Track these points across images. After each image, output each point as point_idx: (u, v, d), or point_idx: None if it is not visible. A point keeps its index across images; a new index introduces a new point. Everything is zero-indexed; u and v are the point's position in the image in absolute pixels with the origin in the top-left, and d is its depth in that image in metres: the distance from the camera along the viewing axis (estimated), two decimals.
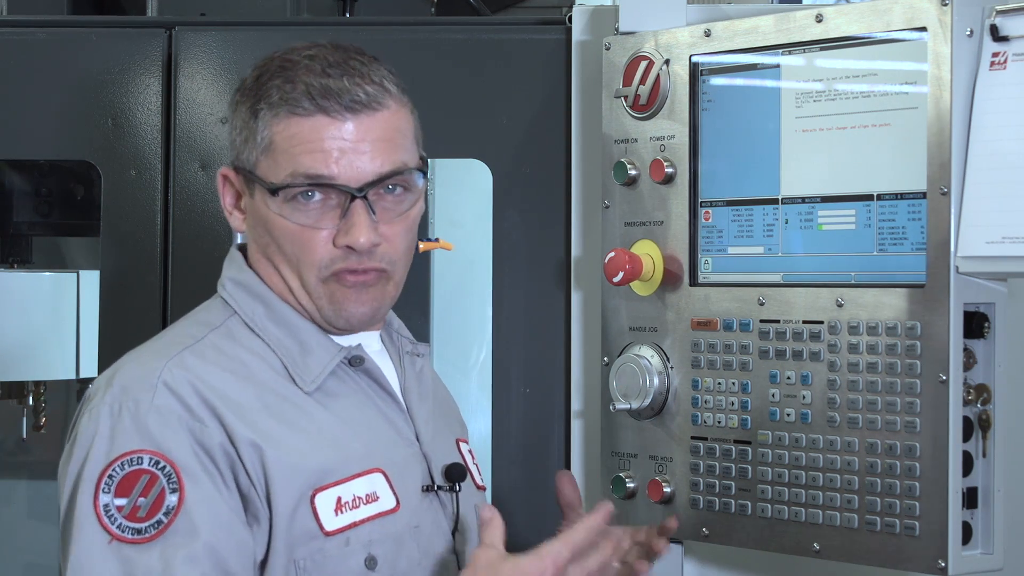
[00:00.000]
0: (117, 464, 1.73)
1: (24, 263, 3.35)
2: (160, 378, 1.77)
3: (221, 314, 1.90)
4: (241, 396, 1.80)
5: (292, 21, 3.00)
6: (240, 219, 1.91)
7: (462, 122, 2.66)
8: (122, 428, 1.74)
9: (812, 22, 2.15)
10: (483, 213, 2.68)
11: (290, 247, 1.84)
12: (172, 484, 1.72)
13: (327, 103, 1.81)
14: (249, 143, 1.85)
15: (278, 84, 1.83)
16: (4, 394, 3.48)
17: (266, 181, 1.83)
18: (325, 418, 1.85)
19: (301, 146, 1.81)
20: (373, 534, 1.83)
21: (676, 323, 2.31)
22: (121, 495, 1.72)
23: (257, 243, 1.90)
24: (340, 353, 1.88)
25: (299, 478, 1.78)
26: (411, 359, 2.00)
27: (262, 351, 1.86)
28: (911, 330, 2.04)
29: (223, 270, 1.95)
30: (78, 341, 3.30)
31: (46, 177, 3.25)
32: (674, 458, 2.31)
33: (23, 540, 3.98)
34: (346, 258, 1.83)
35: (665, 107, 2.32)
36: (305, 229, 1.83)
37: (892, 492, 2.05)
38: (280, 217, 1.83)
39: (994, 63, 2.01)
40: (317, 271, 1.84)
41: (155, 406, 1.75)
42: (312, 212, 1.83)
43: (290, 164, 1.81)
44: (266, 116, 1.83)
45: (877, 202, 2.11)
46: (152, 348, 1.87)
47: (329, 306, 1.86)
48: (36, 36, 2.73)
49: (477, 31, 2.69)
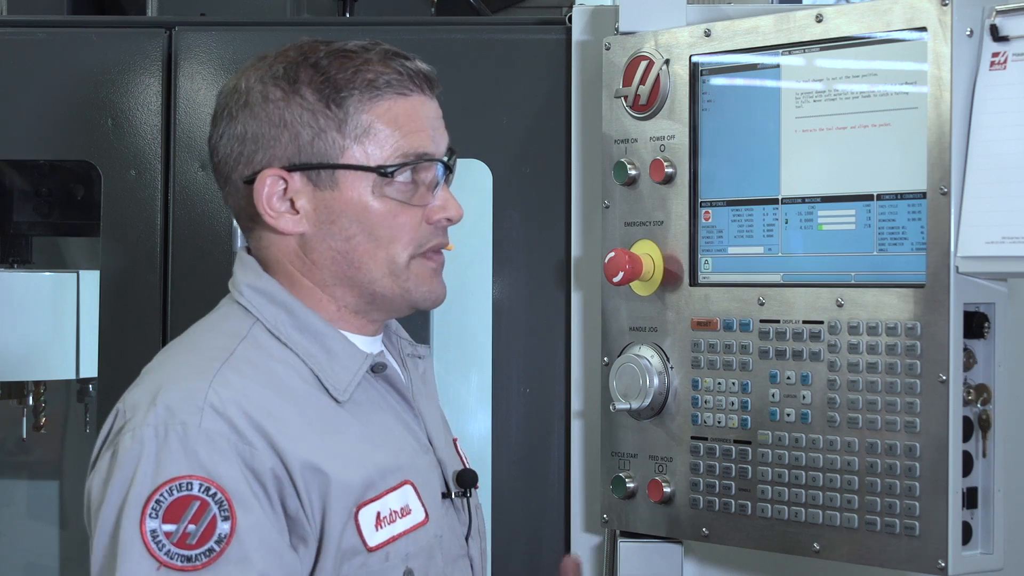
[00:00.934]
0: (165, 489, 1.67)
1: (24, 263, 3.35)
2: (207, 400, 1.71)
3: (244, 322, 1.84)
4: (286, 414, 1.76)
5: (292, 21, 3.00)
6: (294, 221, 1.83)
7: (462, 122, 2.65)
8: (169, 452, 1.68)
9: (812, 22, 2.15)
10: (483, 213, 2.68)
11: (387, 230, 1.82)
12: (224, 511, 1.67)
13: (421, 82, 1.84)
14: (326, 134, 1.80)
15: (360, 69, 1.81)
16: (4, 394, 3.48)
17: (371, 165, 1.81)
18: (359, 430, 1.82)
19: (408, 125, 1.82)
20: (409, 548, 1.81)
21: (676, 323, 2.31)
22: (170, 521, 1.66)
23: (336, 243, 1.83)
24: (367, 360, 1.85)
25: (348, 495, 1.75)
26: (413, 361, 1.99)
27: (290, 360, 1.82)
28: (911, 330, 2.04)
29: (237, 274, 1.89)
30: (78, 341, 3.30)
31: (46, 177, 3.24)
32: (674, 458, 2.31)
33: (23, 540, 3.98)
34: (440, 234, 1.87)
35: (665, 107, 2.32)
36: (405, 207, 1.82)
37: (892, 492, 2.05)
38: (385, 199, 1.81)
39: (994, 63, 2.01)
40: (413, 248, 1.84)
41: (204, 429, 1.69)
42: (406, 190, 1.83)
43: (399, 144, 1.81)
44: (359, 100, 1.80)
45: (877, 202, 2.11)
46: (187, 363, 1.80)
47: (420, 286, 1.85)
48: (36, 36, 2.73)
49: (477, 31, 2.69)
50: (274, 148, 1.82)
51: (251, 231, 1.89)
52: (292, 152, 1.81)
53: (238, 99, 1.84)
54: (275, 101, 1.81)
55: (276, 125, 1.81)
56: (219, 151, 1.86)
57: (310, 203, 1.82)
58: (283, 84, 1.82)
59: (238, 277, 1.88)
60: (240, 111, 1.83)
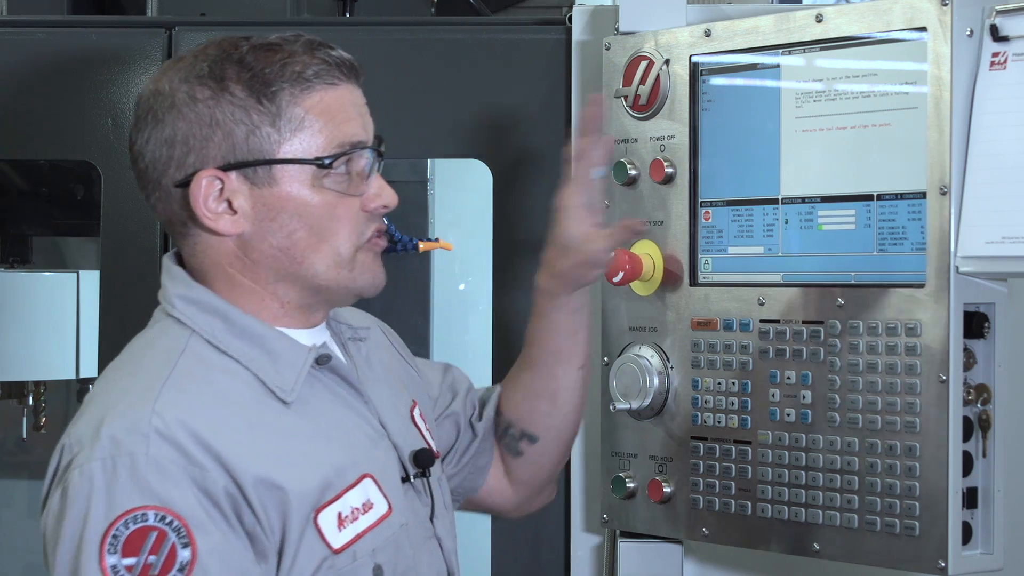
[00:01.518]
0: (120, 523, 1.64)
1: (24, 263, 3.36)
2: (151, 425, 1.67)
3: (180, 336, 1.80)
4: (234, 428, 1.72)
5: (292, 21, 3.00)
6: (231, 221, 1.79)
7: (462, 122, 2.66)
8: (119, 485, 1.65)
9: (812, 22, 2.15)
10: (483, 213, 2.68)
11: (328, 222, 1.80)
12: (183, 539, 1.64)
13: (348, 71, 1.83)
14: (260, 129, 1.77)
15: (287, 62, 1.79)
16: (4, 394, 3.48)
17: (309, 158, 1.79)
18: (309, 431, 1.79)
19: (340, 115, 1.81)
20: (375, 542, 1.79)
21: (676, 323, 2.31)
22: (129, 554, 1.63)
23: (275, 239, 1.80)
24: (311, 354, 1.82)
25: (305, 503, 1.73)
26: (356, 345, 1.95)
27: (232, 368, 1.79)
28: (911, 330, 2.04)
29: (166, 286, 1.85)
30: (78, 341, 3.30)
31: (46, 177, 3.25)
32: (674, 458, 2.31)
33: (23, 540, 3.98)
34: (374, 221, 1.85)
35: (665, 107, 2.32)
36: (345, 198, 1.81)
37: (892, 492, 2.05)
38: (323, 192, 1.79)
39: (994, 63, 2.01)
40: (356, 238, 1.82)
41: (152, 457, 1.66)
42: (344, 181, 1.81)
43: (334, 135, 1.80)
44: (290, 94, 1.78)
45: (877, 202, 2.11)
46: (127, 387, 1.75)
47: (365, 274, 1.84)
48: (36, 36, 2.73)
49: (477, 31, 2.69)
50: (207, 148, 1.78)
51: (184, 237, 1.84)
52: (226, 151, 1.77)
53: (162, 102, 1.79)
54: (204, 100, 1.77)
55: (207, 125, 1.77)
56: (145, 156, 1.81)
57: (248, 202, 1.79)
58: (210, 83, 1.77)
59: (168, 289, 1.85)
60: (166, 113, 1.79)
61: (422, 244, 2.79)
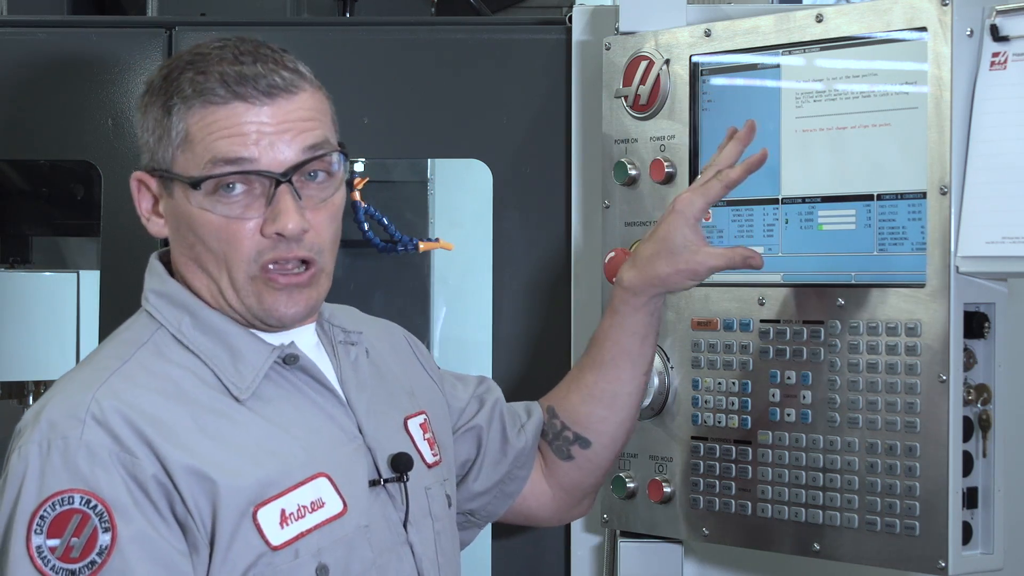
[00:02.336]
0: (48, 504, 1.68)
1: (24, 263, 3.35)
2: (88, 411, 1.71)
3: (147, 329, 1.84)
4: (174, 418, 1.74)
5: (292, 21, 3.00)
6: (160, 224, 1.85)
7: (462, 122, 2.66)
8: (52, 467, 1.69)
9: (812, 22, 2.15)
10: (483, 213, 2.68)
11: (216, 243, 1.78)
12: (104, 523, 1.68)
13: (243, 89, 1.77)
14: (163, 141, 1.80)
15: (190, 77, 1.78)
16: (4, 394, 3.48)
17: (185, 176, 1.78)
18: (262, 428, 1.80)
19: (218, 132, 1.76)
20: (322, 542, 1.78)
21: (676, 323, 2.31)
22: (54, 536, 1.67)
23: (181, 247, 1.83)
24: (273, 354, 1.83)
25: (239, 497, 1.74)
26: (345, 348, 1.94)
27: (192, 364, 1.81)
28: (911, 330, 2.04)
29: (145, 281, 1.89)
30: (78, 341, 3.30)
31: (46, 177, 3.24)
32: (674, 458, 2.31)
33: None
34: (275, 247, 1.78)
35: (665, 107, 2.32)
36: (231, 221, 1.77)
37: (892, 492, 2.05)
38: (204, 212, 1.78)
39: (994, 63, 2.01)
40: (247, 266, 1.79)
41: (84, 442, 1.70)
42: (236, 204, 1.78)
43: (208, 152, 1.76)
44: (180, 110, 1.78)
45: (877, 202, 2.11)
46: (79, 377, 1.80)
47: (258, 305, 1.81)
48: (36, 36, 2.73)
49: (477, 31, 2.69)
50: (143, 152, 1.85)
51: None
52: (148, 157, 1.84)
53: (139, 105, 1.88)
54: (145, 108, 1.84)
55: (143, 130, 1.84)
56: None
57: (164, 208, 1.84)
58: (153, 90, 1.84)
59: (145, 284, 1.89)
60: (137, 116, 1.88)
61: (422, 244, 2.80)
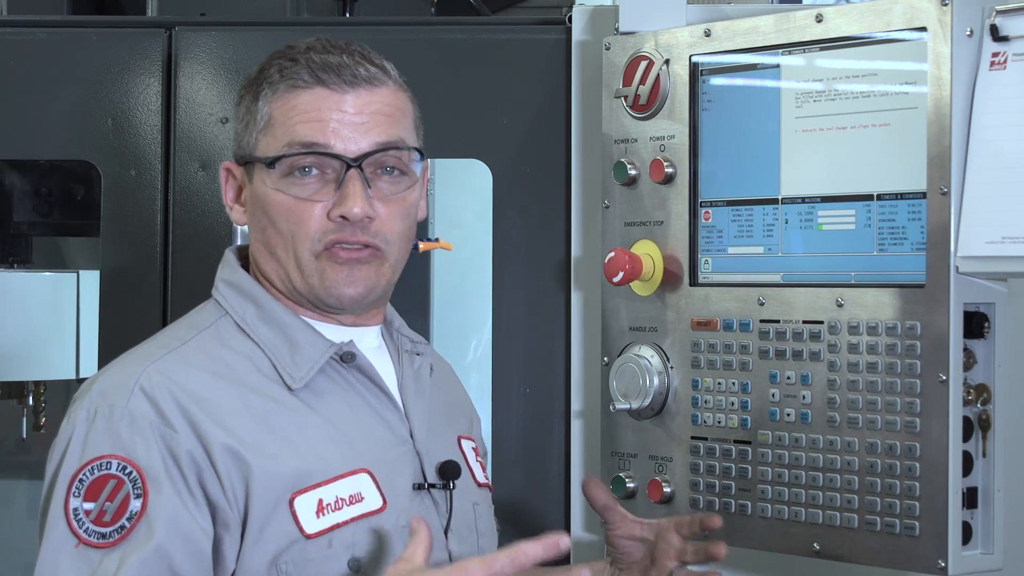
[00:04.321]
0: (88, 468, 1.74)
1: (24, 263, 3.35)
2: (137, 383, 1.77)
3: (212, 316, 1.90)
4: (221, 398, 1.79)
5: (292, 21, 3.00)
6: (241, 212, 1.92)
7: (462, 122, 2.66)
8: (95, 433, 1.75)
9: (812, 22, 2.15)
10: (483, 213, 2.69)
11: (285, 224, 1.84)
12: (137, 490, 1.72)
13: (326, 76, 1.83)
14: (250, 127, 1.87)
15: (280, 64, 1.85)
16: (4, 394, 3.48)
17: (264, 156, 1.84)
18: (310, 419, 1.83)
19: (298, 116, 1.83)
20: (357, 535, 1.81)
21: (676, 323, 2.31)
22: (90, 499, 1.73)
23: (256, 233, 1.90)
24: (330, 349, 1.87)
25: (275, 481, 1.77)
26: (410, 357, 1.99)
27: (251, 352, 1.86)
28: (911, 330, 2.04)
29: (218, 270, 1.95)
30: (78, 341, 3.30)
31: (46, 177, 3.24)
32: (674, 458, 2.31)
33: (23, 540, 3.98)
34: (340, 230, 1.83)
35: (665, 107, 2.32)
36: (300, 202, 1.83)
37: (892, 492, 2.05)
38: (278, 192, 1.84)
39: (994, 63, 2.01)
40: (311, 244, 1.83)
41: (129, 410, 1.75)
42: (308, 186, 1.83)
43: (287, 135, 1.83)
44: (267, 95, 1.85)
45: (877, 202, 2.11)
46: (138, 353, 1.86)
47: (320, 284, 1.85)
48: (36, 36, 2.73)
49: (477, 31, 2.69)
50: (233, 142, 1.92)
51: None
52: (236, 146, 1.91)
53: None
54: (240, 100, 1.91)
55: (237, 121, 1.92)
56: None
57: (246, 195, 1.90)
58: (246, 86, 1.91)
59: (218, 273, 1.95)
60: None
61: (422, 244, 2.80)
